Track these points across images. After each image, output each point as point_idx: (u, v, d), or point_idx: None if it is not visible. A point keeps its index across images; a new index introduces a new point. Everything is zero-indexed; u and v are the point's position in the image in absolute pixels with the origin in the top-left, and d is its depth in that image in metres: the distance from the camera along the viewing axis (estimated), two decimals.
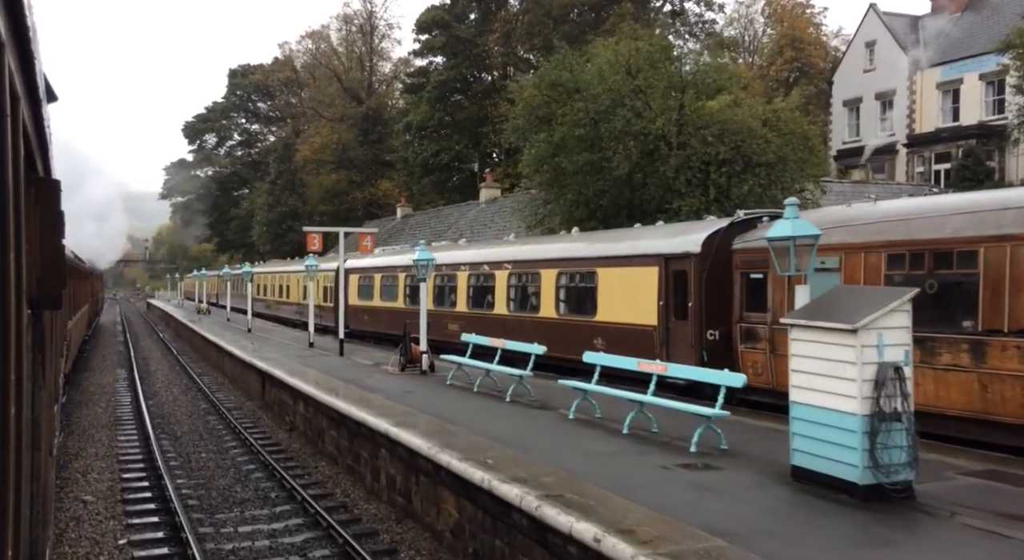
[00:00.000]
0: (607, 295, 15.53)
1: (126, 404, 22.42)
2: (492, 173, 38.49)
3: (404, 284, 25.91)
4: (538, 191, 22.75)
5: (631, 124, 18.47)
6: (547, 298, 17.62)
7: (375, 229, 25.22)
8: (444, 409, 12.70)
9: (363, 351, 24.65)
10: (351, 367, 20.21)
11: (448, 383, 15.87)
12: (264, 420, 19.66)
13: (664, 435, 10.23)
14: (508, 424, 11.24)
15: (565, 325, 16.99)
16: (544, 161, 21.17)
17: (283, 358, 22.77)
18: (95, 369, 31.27)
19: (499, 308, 19.79)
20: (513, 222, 31.93)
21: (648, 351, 13.97)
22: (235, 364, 26.05)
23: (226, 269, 45.95)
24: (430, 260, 17.28)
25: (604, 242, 16.03)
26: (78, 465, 15.02)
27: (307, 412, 16.85)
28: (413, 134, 48.73)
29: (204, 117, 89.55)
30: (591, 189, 19.65)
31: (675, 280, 13.74)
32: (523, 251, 19.05)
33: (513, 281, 19.39)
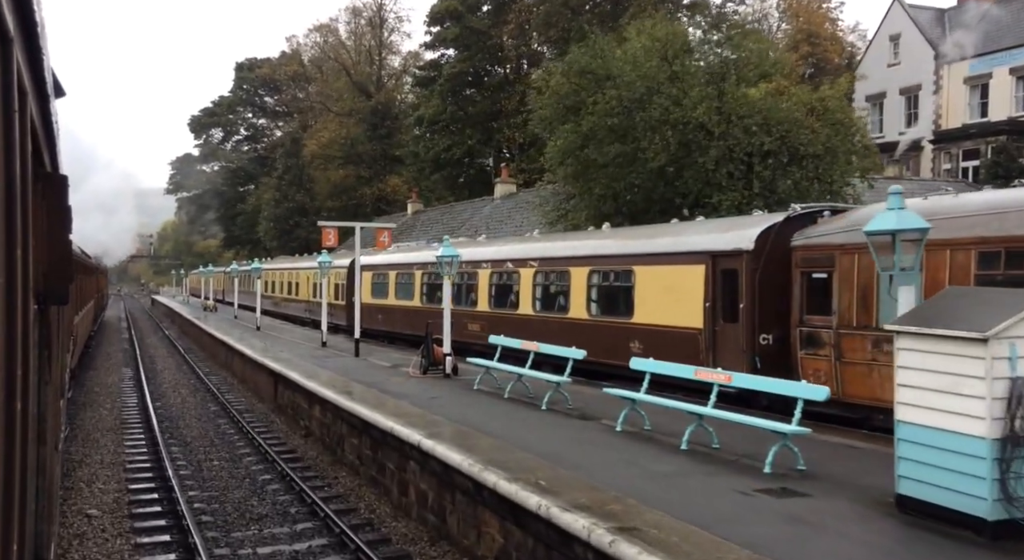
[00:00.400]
0: (645, 295, 14.56)
1: (132, 405, 21.54)
2: (507, 168, 37.51)
3: (421, 282, 24.96)
4: (562, 185, 21.76)
5: (669, 113, 17.44)
6: (577, 298, 16.66)
7: (392, 224, 24.26)
8: (476, 418, 11.75)
9: (379, 351, 23.72)
10: (369, 369, 19.28)
11: (475, 388, 14.92)
12: (277, 424, 18.75)
13: (728, 452, 9.27)
14: (550, 437, 10.28)
15: (597, 327, 16.03)
16: (570, 153, 20.18)
17: (296, 359, 21.85)
18: (100, 368, 30.41)
19: (524, 308, 18.83)
20: (531, 218, 30.94)
21: (692, 356, 12.99)
22: (245, 364, 25.15)
23: (233, 265, 45.11)
24: (455, 256, 16.33)
25: (642, 238, 15.05)
26: (83, 473, 14.12)
27: (325, 417, 15.93)
28: (424, 128, 47.75)
29: (210, 111, 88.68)
30: (622, 182, 18.63)
31: (724, 279, 12.76)
32: (551, 248, 18.08)
33: (539, 279, 18.43)
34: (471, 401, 13.55)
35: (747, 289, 12.21)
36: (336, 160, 66.38)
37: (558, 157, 20.66)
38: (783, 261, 11.92)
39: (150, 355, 35.42)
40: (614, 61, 18.47)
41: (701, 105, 17.00)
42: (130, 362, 32.58)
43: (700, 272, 13.12)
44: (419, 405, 13.30)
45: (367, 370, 19.03)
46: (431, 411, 12.55)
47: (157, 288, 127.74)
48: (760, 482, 7.80)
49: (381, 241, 21.90)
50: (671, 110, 17.44)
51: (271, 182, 71.22)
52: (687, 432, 9.38)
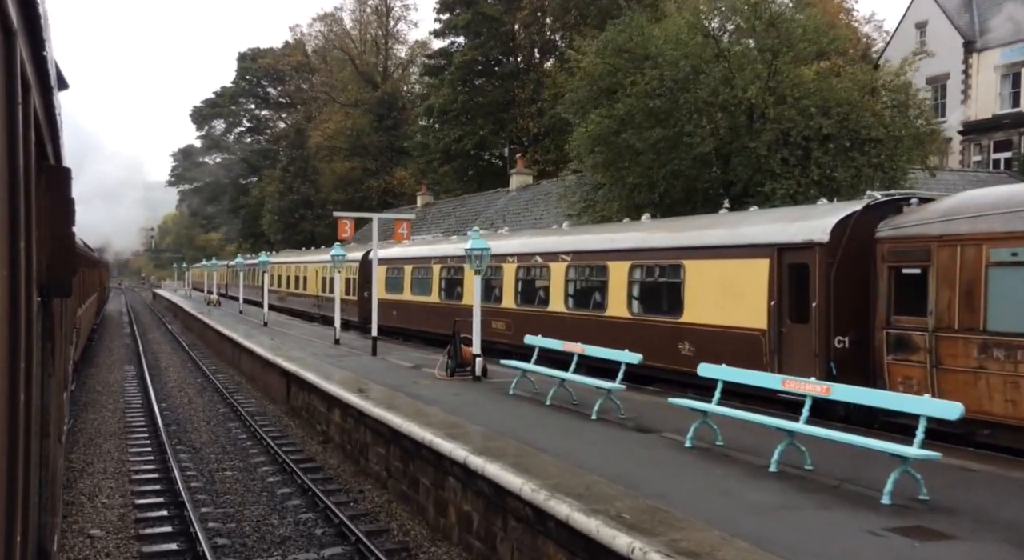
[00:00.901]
0: (696, 292, 13.35)
1: (137, 407, 20.36)
2: (523, 158, 36.24)
3: (439, 276, 23.75)
4: (590, 174, 20.50)
5: (718, 93, 16.15)
6: (617, 294, 15.45)
7: (411, 215, 23.05)
8: (521, 429, 10.55)
9: (396, 350, 22.52)
10: (389, 370, 18.08)
11: (511, 393, 13.71)
12: (292, 429, 17.58)
13: (824, 475, 8.07)
14: (612, 454, 9.07)
15: (640, 326, 14.82)
16: (602, 140, 18.93)
17: (309, 357, 20.66)
18: (102, 364, 29.24)
19: (555, 305, 17.63)
20: (552, 210, 29.71)
21: (753, 360, 11.79)
22: (254, 362, 23.97)
23: (239, 259, 43.89)
24: (486, 249, 15.12)
25: (693, 230, 13.82)
26: (84, 485, 12.94)
27: (346, 423, 14.74)
28: (434, 119, 46.40)
29: (212, 102, 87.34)
30: (662, 170, 17.37)
31: (792, 275, 11.54)
32: (585, 241, 16.86)
33: (572, 275, 17.21)
34: (510, 409, 12.35)
35: (820, 286, 11.00)
36: (341, 152, 65.07)
37: (587, 144, 19.40)
38: (863, 254, 10.70)
39: (153, 351, 34.25)
40: (653, 39, 17.16)
41: (754, 85, 15.68)
42: (133, 358, 31.42)
43: (763, 267, 11.91)
44: (453, 412, 12.11)
45: (388, 371, 17.84)
46: (469, 420, 11.35)
47: (158, 282, 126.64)
48: (885, 517, 6.60)
49: (399, 233, 20.68)
50: (720, 91, 16.14)
51: (275, 174, 69.94)
52: (777, 452, 8.17)
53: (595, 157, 19.71)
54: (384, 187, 62.39)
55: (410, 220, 21.41)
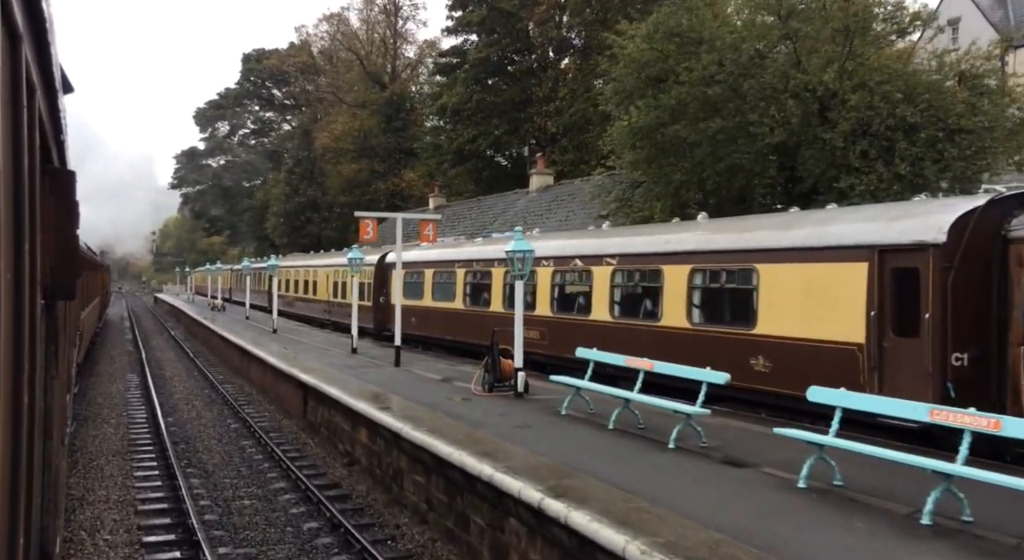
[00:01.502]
0: (773, 300, 11.87)
1: (141, 421, 18.89)
2: (543, 158, 34.77)
3: (464, 281, 22.27)
4: (629, 171, 19.02)
5: (788, 78, 14.61)
6: (673, 302, 13.97)
7: (438, 216, 21.59)
8: (592, 461, 9.05)
9: (420, 360, 21.01)
10: (417, 383, 16.60)
11: (564, 413, 12.22)
12: (311, 448, 16.10)
13: (991, 528, 6.59)
14: (715, 497, 7.56)
15: (702, 338, 13.33)
16: (645, 133, 17.46)
17: (327, 368, 19.18)
18: (103, 374, 27.76)
19: (598, 313, 16.14)
20: (578, 211, 28.25)
21: (847, 378, 10.30)
22: (265, 372, 22.51)
23: (245, 262, 42.46)
24: (529, 252, 13.65)
25: (768, 230, 12.32)
26: (85, 516, 11.47)
27: (375, 445, 13.26)
28: (447, 118, 44.93)
29: (216, 104, 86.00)
30: (718, 165, 15.85)
31: (897, 281, 10.07)
32: (635, 243, 15.38)
33: (620, 280, 15.73)
34: (569, 433, 10.84)
35: (935, 294, 9.51)
36: (348, 153, 63.65)
37: (628, 138, 17.94)
38: (987, 257, 9.26)
39: (157, 359, 32.79)
40: (708, 23, 15.66)
41: (831, 68, 14.13)
42: (136, 367, 29.95)
43: (860, 272, 10.42)
44: (505, 436, 10.62)
45: (416, 384, 16.35)
46: (526, 447, 9.86)
47: (160, 286, 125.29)
48: None
49: (425, 235, 19.22)
50: (790, 75, 14.59)
51: (280, 176, 68.55)
52: (931, 501, 6.68)
53: (636, 153, 18.25)
54: (392, 189, 60.93)
55: (436, 221, 19.93)
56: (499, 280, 20.36)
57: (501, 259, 20.52)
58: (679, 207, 18.19)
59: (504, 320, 20.13)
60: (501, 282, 20.26)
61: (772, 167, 15.51)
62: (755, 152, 15.34)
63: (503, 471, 8.56)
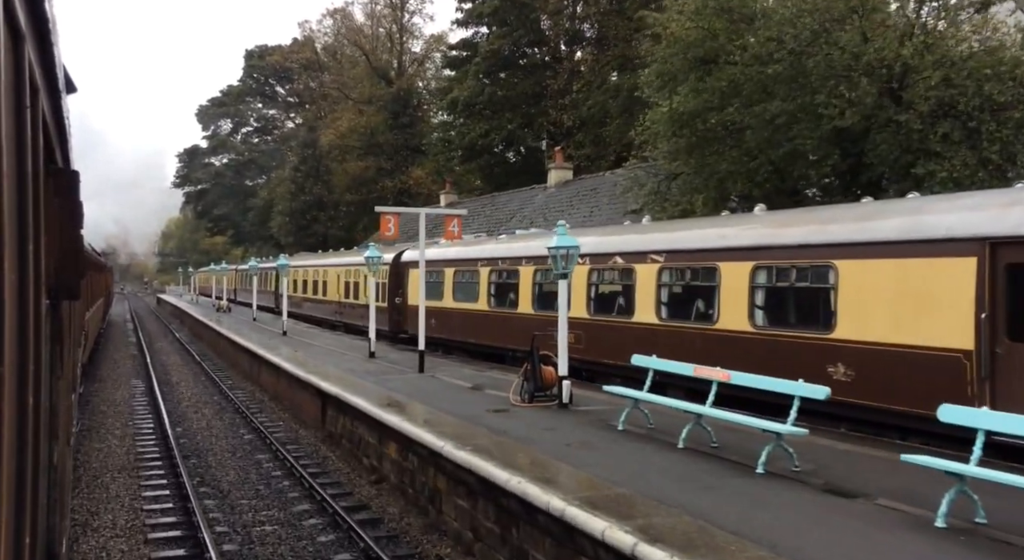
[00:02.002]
0: (856, 300, 10.62)
1: (148, 432, 17.68)
2: (562, 151, 33.49)
3: (488, 281, 21.03)
4: (668, 161, 17.75)
5: (861, 54, 13.26)
6: (732, 303, 12.73)
7: (463, 210, 20.35)
8: (673, 489, 7.80)
9: (444, 365, 19.77)
10: (446, 392, 15.37)
11: (621, 429, 10.96)
12: (332, 462, 14.87)
13: None
14: (851, 543, 6.29)
15: (768, 343, 12.09)
16: (686, 121, 16.22)
17: (346, 374, 17.96)
18: (107, 379, 26.57)
19: (643, 314, 14.90)
20: (603, 206, 27.00)
21: (952, 389, 9.08)
22: (279, 378, 21.31)
23: (252, 262, 41.25)
24: (574, 247, 12.41)
25: (847, 222, 11.07)
26: (89, 545, 10.27)
27: (406, 461, 12.05)
28: (458, 113, 43.64)
29: (219, 101, 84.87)
30: (776, 152, 14.55)
31: (1014, 278, 8.83)
32: (686, 238, 14.13)
33: (667, 278, 14.49)
34: (635, 454, 9.58)
35: None
36: (354, 151, 62.44)
37: (667, 126, 16.69)
38: None
39: (162, 362, 31.59)
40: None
41: (909, 42, 12.80)
42: (140, 372, 28.75)
43: (966, 268, 9.17)
44: (561, 457, 9.38)
45: (446, 393, 15.12)
46: (591, 471, 8.62)
47: (162, 287, 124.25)
48: None
49: (450, 231, 17.97)
50: (864, 50, 13.23)
51: (285, 174, 67.33)
52: None
53: (675, 142, 17.00)
54: (399, 187, 59.70)
55: (461, 216, 18.69)
56: (528, 279, 19.14)
57: (530, 256, 19.32)
58: (722, 200, 16.95)
59: (534, 323, 18.91)
60: (530, 281, 19.03)
61: (834, 154, 14.20)
62: (817, 137, 14.04)
63: (577, 504, 7.32)
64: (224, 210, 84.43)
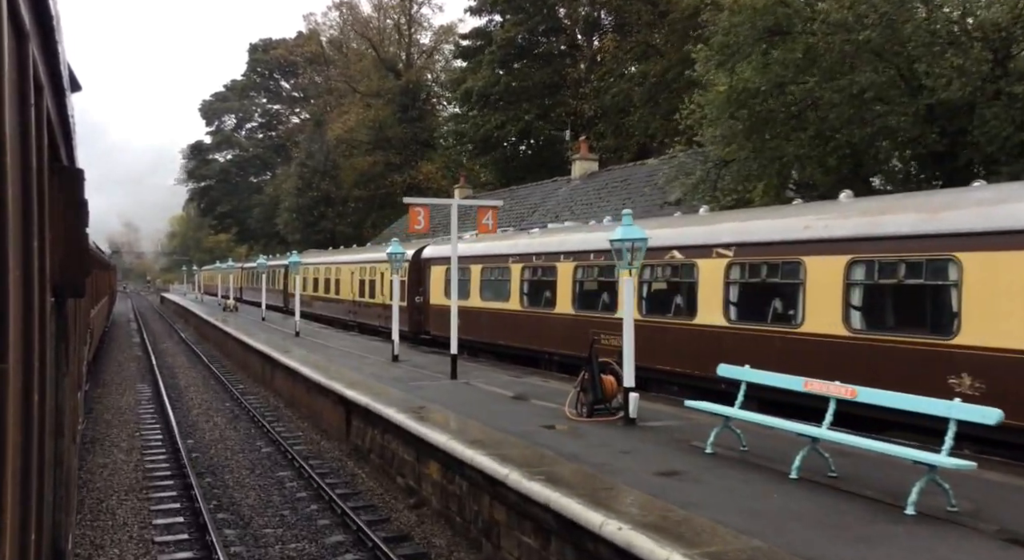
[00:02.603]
0: (985, 300, 9.09)
1: (157, 445, 16.19)
2: (585, 142, 31.90)
3: (521, 278, 19.50)
4: (721, 147, 16.21)
5: (971, 14, 11.66)
6: (821, 302, 11.20)
7: (499, 201, 18.82)
8: (822, 543, 6.27)
9: (476, 370, 18.21)
10: (487, 401, 13.84)
11: (709, 451, 9.43)
12: (362, 480, 13.36)
13: None
14: None
15: (867, 349, 10.55)
16: (744, 101, 14.71)
17: (372, 381, 16.46)
18: (111, 383, 25.10)
19: (707, 315, 13.36)
20: (637, 199, 25.40)
21: None
22: (295, 383, 19.82)
23: (261, 259, 39.79)
24: (642, 240, 10.89)
25: (974, 207, 9.52)
26: None
27: (454, 485, 10.54)
28: (472, 104, 42.04)
29: (223, 96, 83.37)
30: (863, 131, 12.94)
31: None
32: (760, 229, 12.58)
33: (737, 275, 12.95)
34: (742, 486, 8.00)
35: None
36: (363, 145, 60.90)
37: (724, 107, 15.16)
38: None
39: (168, 365, 30.12)
40: None
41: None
42: (146, 375, 27.29)
43: None
44: (650, 489, 7.82)
45: (486, 403, 13.59)
46: (703, 513, 7.07)
47: (165, 285, 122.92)
48: None
49: (484, 225, 16.44)
50: (972, 11, 11.65)
51: (292, 170, 65.80)
52: None
53: (732, 124, 15.46)
54: (409, 182, 58.12)
55: (496, 207, 17.14)
56: (567, 276, 17.61)
57: (569, 252, 17.79)
58: (783, 188, 15.43)
59: (574, 324, 17.40)
60: (569, 279, 17.50)
61: (931, 132, 12.59)
62: (911, 114, 12.45)
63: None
64: (228, 207, 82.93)
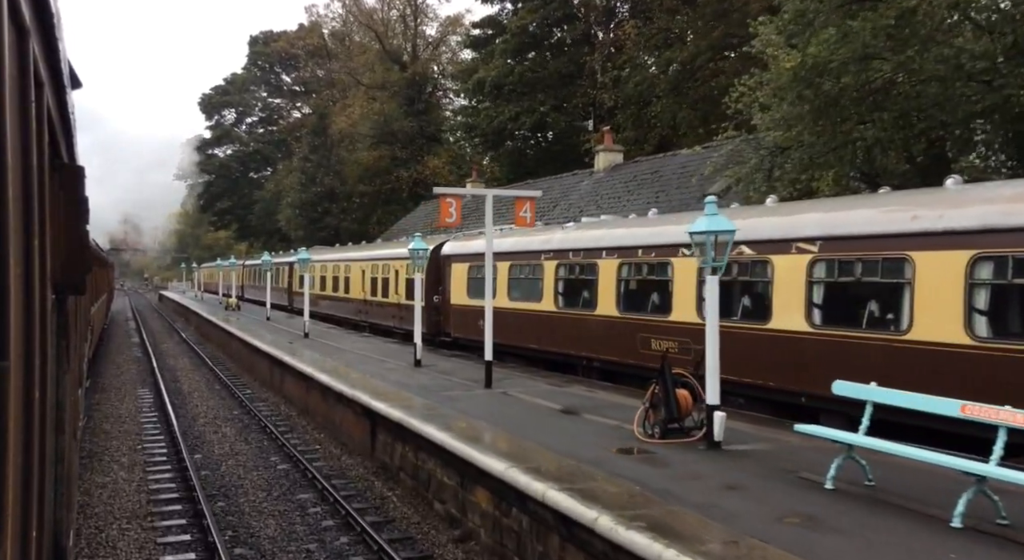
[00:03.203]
0: None
1: (161, 460, 14.62)
2: (610, 132, 30.29)
3: (555, 276, 17.95)
4: (783, 130, 14.65)
5: None
6: (935, 305, 9.66)
7: (537, 192, 17.24)
8: None
9: (510, 377, 16.57)
10: (532, 416, 12.26)
11: (830, 487, 7.87)
12: (393, 504, 11.83)
13: None
14: None
15: (1000, 361, 9.02)
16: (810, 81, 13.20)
17: (396, 389, 14.90)
18: (109, 388, 23.51)
19: (785, 320, 11.79)
20: (670, 192, 23.85)
21: None
22: (309, 389, 18.28)
23: (266, 256, 38.21)
24: (726, 232, 9.34)
25: None
26: None
27: (511, 520, 8.99)
28: (485, 94, 40.41)
29: (223, 90, 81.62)
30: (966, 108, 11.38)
31: None
32: (853, 221, 11.01)
33: (823, 272, 11.38)
34: (899, 540, 6.41)
35: None
36: (367, 139, 59.23)
37: (791, 86, 13.63)
38: None
39: (170, 368, 28.54)
40: None
41: None
42: (147, 378, 25.72)
43: None
44: (782, 542, 6.29)
45: (532, 419, 12.01)
46: None
47: (163, 283, 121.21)
48: None
49: (521, 217, 14.86)
50: None
51: (294, 164, 64.14)
52: None
53: (799, 106, 13.92)
54: (415, 177, 56.51)
55: (535, 198, 15.56)
56: (609, 274, 16.06)
57: (612, 247, 16.23)
58: (854, 177, 13.90)
59: (619, 326, 15.85)
60: (613, 277, 15.95)
61: None
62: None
63: None
64: (228, 203, 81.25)
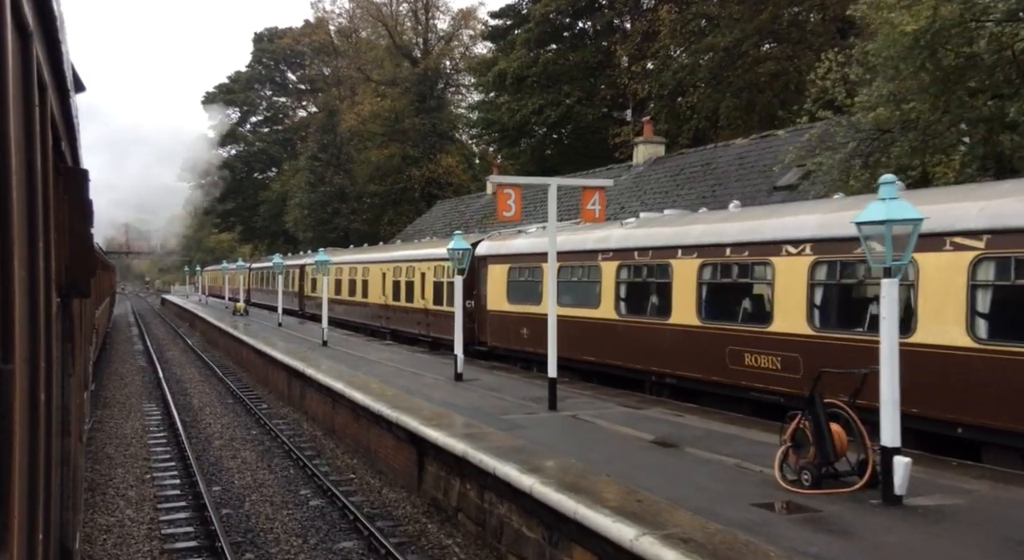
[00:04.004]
0: None
1: (174, 495, 12.56)
2: (650, 122, 28.15)
3: (616, 279, 15.84)
4: (891, 110, 12.64)
5: None
6: None
7: (609, 181, 15.16)
8: None
9: (574, 397, 14.42)
10: (621, 449, 10.10)
11: None
12: (454, 554, 9.76)
13: None
14: None
15: None
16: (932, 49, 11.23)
17: (442, 409, 12.80)
18: (113, 403, 21.43)
19: (933, 331, 9.67)
20: (729, 185, 21.73)
21: None
22: (335, 406, 16.20)
23: (277, 259, 36.17)
24: (913, 221, 7.28)
25: None
26: None
27: None
28: (506, 87, 38.34)
29: (227, 88, 79.55)
30: None
31: None
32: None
33: (986, 274, 9.29)
34: None
35: None
36: (377, 137, 57.21)
37: (908, 55, 11.59)
38: None
39: (177, 378, 26.47)
40: None
41: None
42: (153, 391, 23.63)
43: None
44: None
45: (624, 453, 9.86)
46: None
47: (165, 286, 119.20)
48: None
49: (589, 210, 12.79)
50: None
51: (301, 164, 62.05)
52: None
53: (917, 77, 11.88)
54: (428, 176, 54.48)
55: (604, 188, 13.47)
56: (688, 277, 13.94)
57: (691, 245, 14.08)
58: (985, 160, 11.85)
59: (702, 338, 13.71)
60: (693, 280, 13.83)
61: None
62: None
63: None
64: (232, 205, 79.20)
